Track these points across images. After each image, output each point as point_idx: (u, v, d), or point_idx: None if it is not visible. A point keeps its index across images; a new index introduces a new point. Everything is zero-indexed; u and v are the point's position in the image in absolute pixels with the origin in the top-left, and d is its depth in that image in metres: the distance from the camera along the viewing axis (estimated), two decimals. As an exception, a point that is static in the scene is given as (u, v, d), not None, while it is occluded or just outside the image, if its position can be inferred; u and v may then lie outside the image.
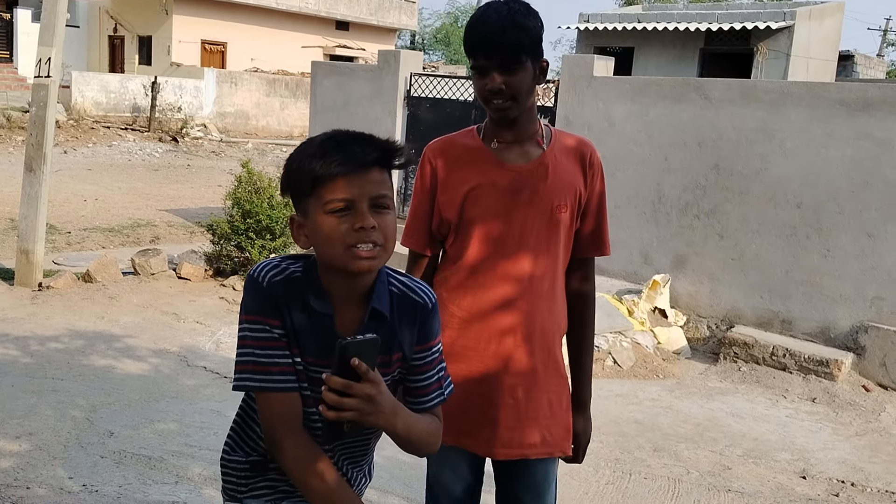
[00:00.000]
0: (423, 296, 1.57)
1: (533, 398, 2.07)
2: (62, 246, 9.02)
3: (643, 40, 13.67)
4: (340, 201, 1.39)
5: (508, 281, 2.05)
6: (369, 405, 1.32)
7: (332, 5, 28.37)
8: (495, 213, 2.04)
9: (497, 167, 2.05)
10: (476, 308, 2.07)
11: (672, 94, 6.84)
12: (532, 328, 2.06)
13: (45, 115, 7.06)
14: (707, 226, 6.70)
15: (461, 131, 2.17)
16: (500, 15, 1.91)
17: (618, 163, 7.21)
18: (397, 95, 8.65)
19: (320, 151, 1.41)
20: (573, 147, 2.11)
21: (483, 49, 1.93)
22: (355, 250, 1.40)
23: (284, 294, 1.46)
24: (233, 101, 23.05)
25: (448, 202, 2.08)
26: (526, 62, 1.93)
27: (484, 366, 2.06)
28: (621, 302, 6.71)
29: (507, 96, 1.95)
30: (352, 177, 1.39)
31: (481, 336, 2.06)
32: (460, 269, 2.10)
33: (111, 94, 20.94)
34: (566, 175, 2.06)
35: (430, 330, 1.57)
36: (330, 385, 1.30)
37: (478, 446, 2.10)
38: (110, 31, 26.83)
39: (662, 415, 5.12)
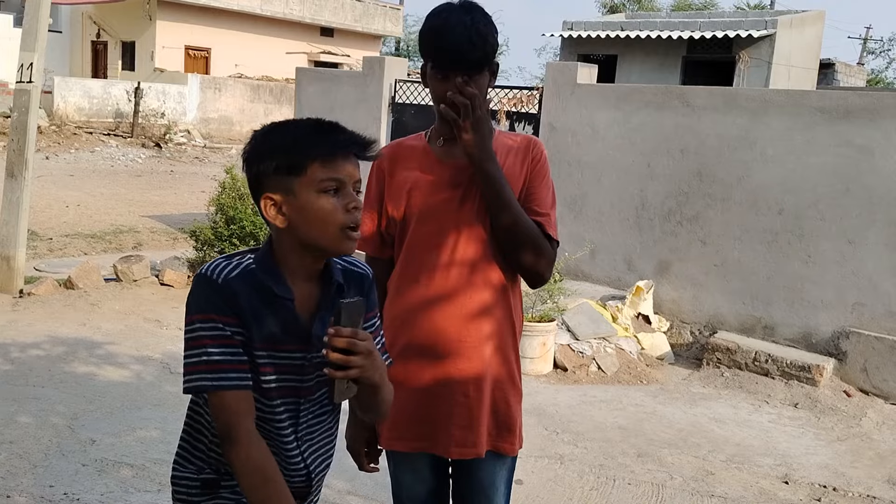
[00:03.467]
0: (362, 268, 1.67)
1: (484, 396, 2.07)
2: (44, 252, 8.94)
3: (626, 48, 13.76)
4: (334, 181, 1.46)
5: (451, 278, 2.06)
6: (369, 360, 1.40)
7: (317, 11, 28.37)
8: (433, 209, 2.06)
9: (437, 164, 2.09)
10: (416, 307, 2.07)
11: (655, 102, 6.89)
12: (478, 324, 2.06)
13: (26, 121, 7.01)
14: (690, 232, 6.75)
15: (412, 135, 2.22)
16: (465, 26, 1.96)
17: (601, 169, 7.25)
18: (382, 102, 8.66)
19: (317, 133, 1.49)
20: (516, 145, 2.13)
21: (447, 57, 1.98)
22: (349, 231, 1.48)
23: (241, 288, 1.47)
24: (216, 106, 22.97)
25: (394, 202, 2.11)
26: (485, 70, 2.02)
27: (432, 365, 2.06)
28: (605, 308, 6.73)
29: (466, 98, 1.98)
30: (346, 160, 1.47)
31: (424, 334, 2.06)
32: (403, 267, 2.12)
33: (94, 99, 20.82)
34: (507, 171, 2.07)
35: (373, 299, 1.67)
36: (336, 343, 1.36)
37: (434, 447, 2.10)
38: (93, 37, 26.70)
39: (646, 420, 5.14)
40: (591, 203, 7.34)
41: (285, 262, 1.52)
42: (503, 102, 7.94)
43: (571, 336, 6.26)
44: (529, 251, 2.04)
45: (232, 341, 1.47)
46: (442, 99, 2.01)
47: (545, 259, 2.07)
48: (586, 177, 7.35)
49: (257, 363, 1.50)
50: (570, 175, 7.41)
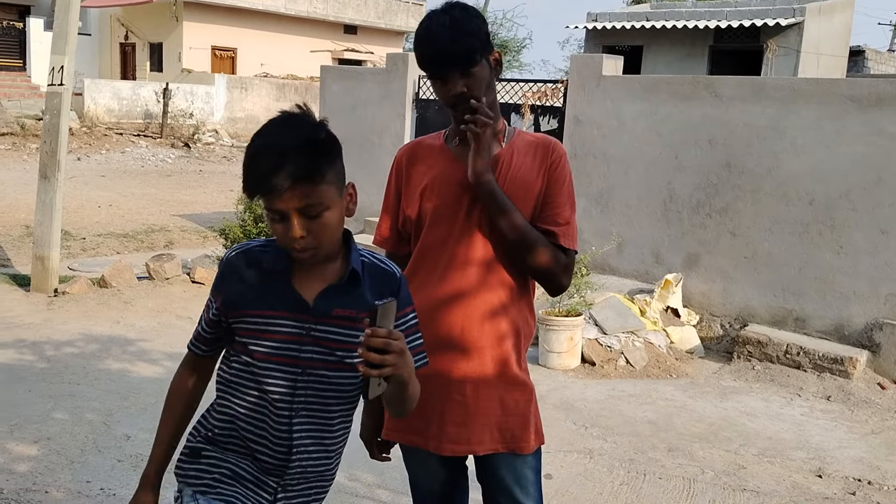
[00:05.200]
0: (390, 266, 1.73)
1: (482, 395, 2.07)
2: (77, 252, 9.09)
3: (652, 38, 13.63)
4: (274, 212, 1.55)
5: (458, 277, 2.06)
6: (402, 359, 1.46)
7: (341, 9, 28.45)
8: (446, 207, 2.07)
9: (452, 163, 2.09)
10: (426, 304, 2.06)
11: (682, 93, 6.83)
12: (482, 324, 2.06)
13: (58, 123, 7.12)
14: (719, 224, 6.68)
15: (431, 134, 2.23)
16: (445, 27, 1.97)
17: (628, 162, 7.20)
18: (406, 98, 8.67)
19: (250, 167, 1.54)
20: (534, 145, 2.11)
21: (437, 62, 1.99)
22: (295, 253, 1.58)
23: (239, 262, 1.67)
24: (243, 106, 23.15)
25: (409, 200, 2.12)
26: (480, 61, 1.99)
27: (434, 363, 2.03)
28: (633, 302, 6.69)
29: (469, 98, 1.99)
30: (274, 195, 1.51)
31: (431, 332, 2.04)
32: (415, 263, 2.13)
33: (123, 100, 21.08)
34: (523, 172, 2.06)
35: (405, 298, 1.71)
36: (372, 343, 1.41)
37: (427, 443, 2.10)
38: (122, 39, 27.02)
39: (676, 415, 5.11)
40: (617, 196, 7.29)
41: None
42: (527, 96, 7.91)
43: (599, 330, 6.23)
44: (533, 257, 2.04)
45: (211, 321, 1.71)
46: (448, 103, 2.03)
47: (557, 265, 2.06)
48: (613, 170, 7.31)
49: (250, 329, 1.64)
50: (595, 168, 7.37)
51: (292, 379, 1.63)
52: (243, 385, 1.66)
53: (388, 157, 8.77)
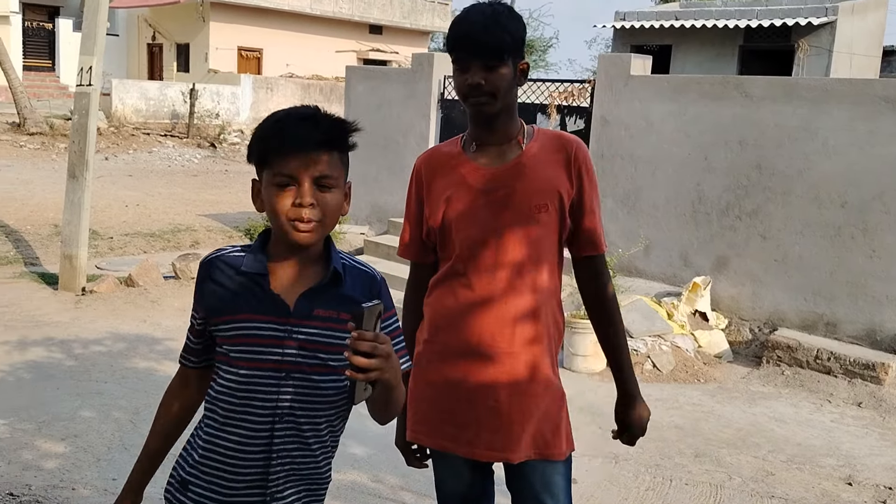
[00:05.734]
0: (369, 269, 1.70)
1: (516, 401, 2.04)
2: (104, 251, 9.17)
3: (681, 38, 13.50)
4: (285, 177, 1.52)
5: (486, 283, 2.03)
6: (389, 362, 1.42)
7: (366, 9, 28.51)
8: (470, 215, 2.04)
9: (472, 170, 2.05)
10: (456, 310, 2.05)
11: (712, 93, 6.74)
12: (513, 329, 2.03)
13: (86, 123, 7.20)
14: (749, 226, 6.59)
15: (448, 140, 2.19)
16: (484, 14, 1.95)
17: (656, 163, 7.12)
18: (431, 98, 8.65)
19: (276, 128, 1.54)
20: (556, 145, 2.08)
21: (464, 45, 1.96)
22: (295, 223, 1.52)
23: (214, 268, 1.64)
24: (268, 106, 23.24)
25: (432, 211, 2.09)
26: (507, 61, 1.95)
27: (465, 368, 2.05)
28: (660, 305, 6.62)
29: (486, 92, 1.96)
30: (298, 156, 1.51)
31: (461, 338, 2.05)
32: (442, 273, 2.11)
33: (150, 101, 21.28)
34: (547, 174, 2.03)
35: (386, 300, 1.66)
36: (359, 347, 1.38)
37: (458, 448, 2.08)
38: (149, 40, 27.28)
39: (704, 420, 5.04)
40: (645, 197, 7.22)
41: (275, 244, 1.62)
42: (553, 96, 7.86)
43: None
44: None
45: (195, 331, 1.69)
46: (461, 91, 2.00)
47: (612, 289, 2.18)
48: (640, 171, 7.23)
49: (229, 336, 1.61)
50: (623, 169, 7.30)
51: (275, 384, 1.58)
52: (226, 395, 1.62)
53: (413, 157, 8.72)
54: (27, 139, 17.17)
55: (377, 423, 1.65)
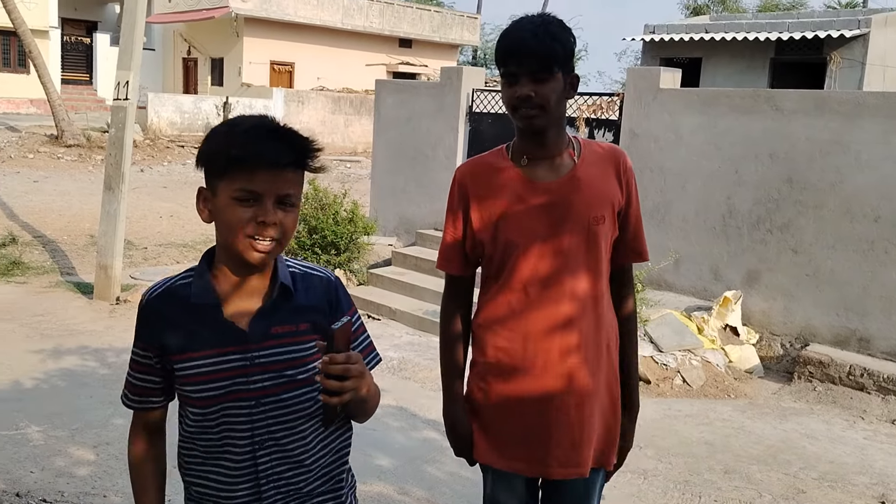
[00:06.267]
0: (323, 272, 1.63)
1: (585, 416, 2.03)
2: (139, 261, 9.32)
3: (711, 51, 13.42)
4: (248, 192, 1.43)
5: (549, 297, 2.01)
6: (361, 380, 1.40)
7: (396, 23, 28.75)
8: (531, 232, 2.00)
9: (528, 186, 2.01)
10: (519, 328, 2.03)
11: (742, 106, 6.69)
12: (579, 345, 2.01)
13: (123, 137, 7.34)
14: (780, 240, 6.52)
15: (490, 151, 2.13)
16: (534, 25, 1.92)
17: (686, 176, 7.08)
18: (459, 112, 8.69)
19: (242, 139, 1.44)
20: (605, 156, 2.06)
21: (513, 56, 1.92)
22: (252, 241, 1.45)
23: (160, 305, 1.54)
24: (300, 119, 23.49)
25: (482, 225, 2.05)
26: (556, 73, 1.91)
27: (533, 385, 2.02)
28: (690, 319, 6.56)
29: (535, 105, 1.91)
30: (267, 172, 1.43)
31: (527, 356, 2.02)
32: (500, 290, 2.06)
33: (185, 114, 21.61)
34: (601, 185, 2.01)
35: (343, 301, 1.61)
36: (331, 371, 1.35)
37: (531, 468, 2.05)
38: (184, 54, 27.75)
39: (734, 436, 4.98)
40: (674, 211, 7.17)
41: (221, 263, 1.53)
42: (582, 109, 7.86)
43: (654, 348, 6.12)
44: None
45: (138, 367, 1.58)
46: (510, 104, 1.96)
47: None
48: (670, 184, 7.19)
49: (187, 375, 1.51)
50: (652, 182, 7.27)
51: (248, 414, 1.51)
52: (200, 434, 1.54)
53: (441, 169, 8.80)
54: (65, 151, 17.52)
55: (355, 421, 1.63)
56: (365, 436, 4.47)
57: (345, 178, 17.91)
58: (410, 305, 7.54)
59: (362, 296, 7.82)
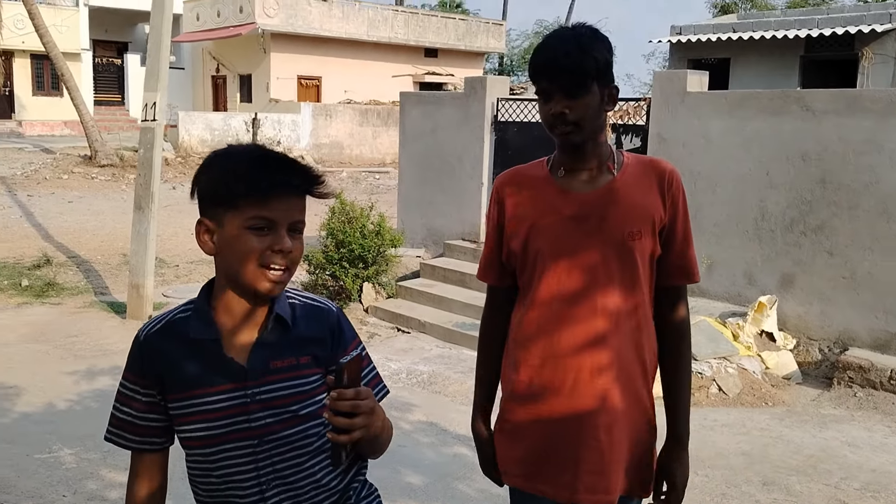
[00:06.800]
0: (325, 303, 1.59)
1: (615, 439, 1.94)
2: (171, 279, 9.42)
3: (739, 51, 13.24)
4: (264, 220, 1.41)
5: (578, 314, 1.93)
6: (372, 417, 1.34)
7: (421, 33, 28.85)
8: (560, 244, 1.94)
9: (561, 196, 1.95)
10: (548, 345, 1.96)
11: (771, 107, 6.57)
12: (610, 364, 1.93)
13: (151, 157, 7.43)
14: (815, 243, 6.37)
15: (532, 162, 2.08)
16: (565, 39, 1.86)
17: (716, 180, 6.97)
18: (484, 121, 8.66)
19: (255, 169, 1.42)
20: (648, 170, 1.97)
21: (546, 73, 1.87)
22: (267, 271, 1.41)
23: (159, 341, 1.48)
24: (328, 132, 23.67)
25: (514, 234, 2.00)
26: (592, 87, 1.85)
27: (561, 406, 1.95)
28: (725, 325, 6.44)
29: (569, 122, 1.86)
30: (279, 200, 1.41)
31: (556, 375, 1.95)
32: (530, 304, 2.00)
33: (215, 131, 21.87)
34: (640, 200, 1.93)
35: (346, 332, 1.57)
36: (339, 407, 1.29)
37: (558, 493, 1.97)
38: (213, 72, 28.13)
39: (772, 445, 4.86)
40: (705, 215, 7.05)
41: (222, 296, 1.48)
42: (609, 115, 7.78)
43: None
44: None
45: (139, 405, 1.50)
46: (546, 122, 1.91)
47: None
48: (700, 188, 7.08)
49: (185, 414, 1.46)
50: (681, 187, 7.15)
51: (251, 453, 1.46)
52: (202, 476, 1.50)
53: (468, 180, 8.77)
54: (98, 171, 17.83)
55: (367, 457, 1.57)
56: (394, 452, 4.43)
57: (373, 189, 17.98)
58: (440, 318, 7.51)
59: (391, 309, 7.80)
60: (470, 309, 7.29)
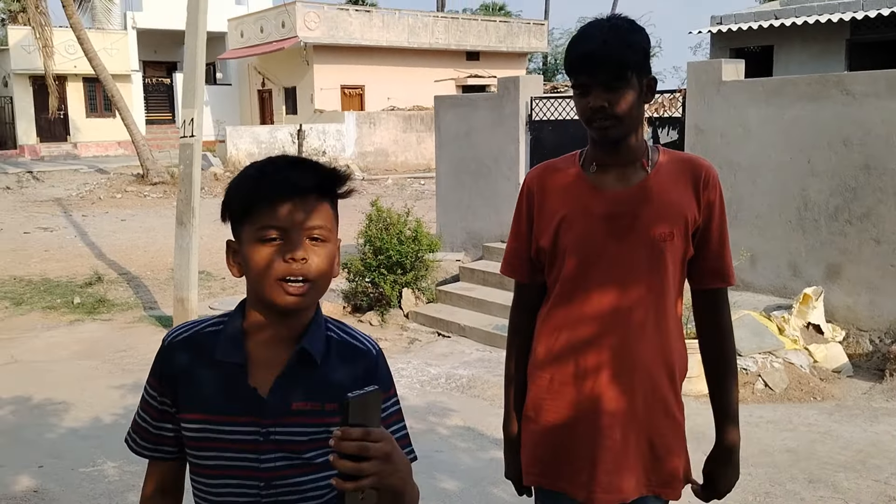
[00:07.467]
0: (365, 343, 1.42)
1: (631, 440, 1.91)
2: (217, 291, 9.59)
3: (782, 37, 12.88)
4: (272, 229, 1.28)
5: (604, 314, 1.90)
6: (388, 465, 1.14)
7: (462, 37, 28.87)
8: (588, 241, 1.89)
9: (592, 193, 1.90)
10: (570, 343, 1.93)
11: (810, 93, 6.38)
12: (632, 365, 1.90)
13: (191, 173, 7.58)
14: (861, 231, 6.16)
15: (564, 156, 2.03)
16: (602, 31, 1.80)
17: (756, 169, 6.80)
18: (519, 121, 8.61)
19: (256, 175, 1.33)
20: (684, 168, 1.91)
21: (584, 67, 1.81)
22: (284, 284, 1.28)
23: (181, 351, 1.37)
24: (372, 140, 23.87)
25: (542, 230, 1.96)
26: (631, 79, 1.79)
27: (580, 405, 1.93)
28: (770, 319, 6.27)
29: (609, 115, 1.80)
30: (286, 203, 1.28)
31: (577, 373, 1.93)
32: (554, 301, 1.97)
33: (262, 144, 22.25)
34: (674, 199, 1.87)
35: (382, 380, 1.38)
36: (343, 449, 1.11)
37: (576, 491, 1.95)
38: (259, 86, 28.62)
39: (819, 441, 4.70)
40: (746, 207, 6.88)
41: (251, 317, 1.36)
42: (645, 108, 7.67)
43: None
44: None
45: (154, 412, 1.40)
46: (584, 116, 1.85)
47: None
48: (739, 179, 6.92)
49: (193, 437, 1.35)
50: (721, 178, 6.95)
51: (255, 496, 1.33)
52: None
53: (503, 181, 8.74)
54: (150, 189, 18.30)
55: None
56: (430, 458, 4.44)
57: (419, 195, 18.05)
58: (479, 321, 7.49)
59: (431, 313, 7.81)
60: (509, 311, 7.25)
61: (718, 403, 2.03)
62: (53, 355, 6.98)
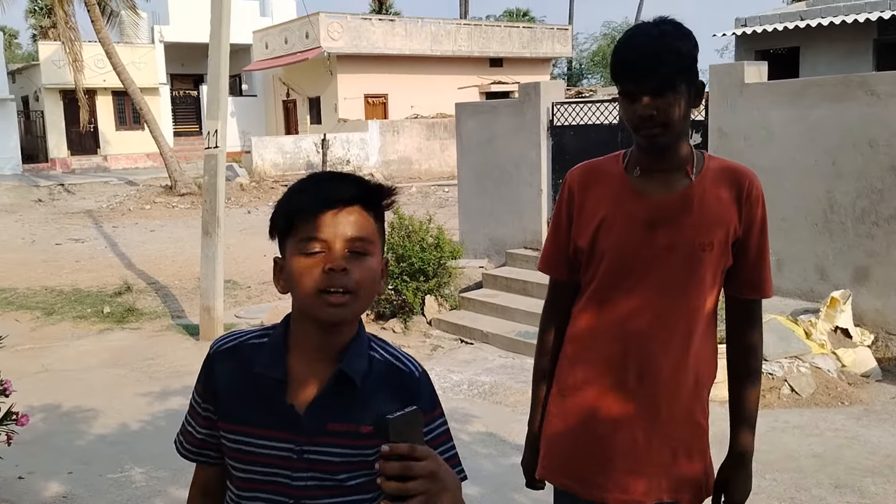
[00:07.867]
0: (408, 365, 1.40)
1: (654, 444, 1.91)
2: (243, 300, 9.69)
3: (808, 38, 12.75)
4: (313, 241, 1.29)
5: (636, 318, 1.90)
6: (435, 484, 1.12)
7: (485, 44, 28.90)
8: (627, 246, 1.89)
9: (635, 197, 1.89)
10: (596, 344, 1.94)
11: (834, 94, 6.31)
12: (658, 371, 1.89)
13: (215, 183, 7.68)
14: (889, 233, 6.07)
15: (607, 156, 2.02)
16: (650, 37, 1.77)
17: (781, 172, 6.73)
18: (540, 127, 8.61)
19: (298, 189, 1.35)
20: (728, 177, 1.89)
21: (631, 72, 1.79)
22: (325, 296, 1.28)
23: (224, 361, 1.39)
24: (396, 148, 23.97)
25: (581, 230, 1.95)
26: (679, 87, 1.77)
27: (601, 406, 1.94)
28: (796, 323, 6.19)
29: (658, 123, 1.79)
30: (326, 215, 1.29)
31: (601, 374, 1.94)
32: (586, 302, 1.98)
33: (286, 154, 22.45)
34: (716, 209, 1.86)
35: (427, 401, 1.37)
36: (387, 470, 1.10)
37: (589, 491, 1.96)
38: (284, 97, 28.90)
39: (846, 446, 4.64)
40: (771, 209, 6.66)
41: (295, 334, 1.37)
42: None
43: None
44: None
45: (199, 419, 1.43)
46: (631, 124, 1.83)
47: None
48: (764, 182, 6.62)
49: (230, 448, 1.37)
50: (744, 182, 6.94)
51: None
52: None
53: (525, 187, 8.73)
54: (178, 200, 18.54)
55: None
56: (452, 464, 4.45)
57: (442, 202, 18.10)
58: (502, 327, 7.48)
59: (454, 320, 7.82)
60: (532, 317, 7.24)
61: (736, 408, 2.02)
62: (83, 364, 7.10)
